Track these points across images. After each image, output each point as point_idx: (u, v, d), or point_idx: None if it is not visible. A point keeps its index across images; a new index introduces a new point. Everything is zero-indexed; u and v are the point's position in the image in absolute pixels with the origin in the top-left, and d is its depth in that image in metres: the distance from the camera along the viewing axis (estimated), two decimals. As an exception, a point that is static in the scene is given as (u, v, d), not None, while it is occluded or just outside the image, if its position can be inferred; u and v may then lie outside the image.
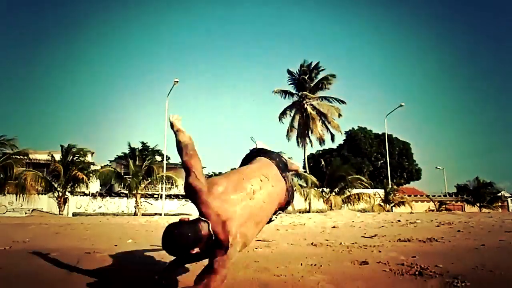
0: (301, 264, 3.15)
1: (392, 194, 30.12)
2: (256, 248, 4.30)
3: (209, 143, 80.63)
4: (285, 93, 35.85)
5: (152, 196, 30.94)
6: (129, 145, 27.28)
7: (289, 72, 35.99)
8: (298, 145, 35.53)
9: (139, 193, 25.82)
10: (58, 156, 24.18)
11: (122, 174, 26.38)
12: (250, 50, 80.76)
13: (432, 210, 31.05)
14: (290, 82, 36.20)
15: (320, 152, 44.68)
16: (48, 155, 24.09)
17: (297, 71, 35.62)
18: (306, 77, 35.34)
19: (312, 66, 35.55)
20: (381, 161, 43.60)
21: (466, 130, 78.13)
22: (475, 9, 77.39)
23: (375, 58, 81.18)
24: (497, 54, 74.43)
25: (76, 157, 24.19)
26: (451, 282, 2.42)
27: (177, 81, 26.64)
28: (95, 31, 76.67)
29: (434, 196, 40.24)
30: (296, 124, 35.50)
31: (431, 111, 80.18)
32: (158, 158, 34.42)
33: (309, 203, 29.13)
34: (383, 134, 38.55)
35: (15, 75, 64.62)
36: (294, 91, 35.77)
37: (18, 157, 22.73)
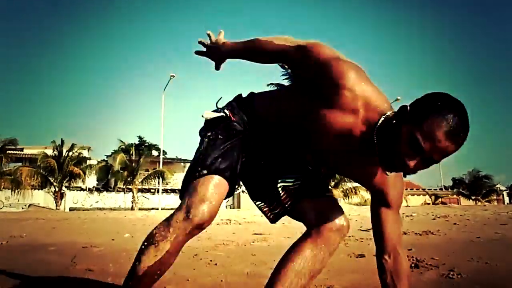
0: (298, 257, 3.17)
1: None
2: (253, 242, 4.32)
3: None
4: (279, 86, 35.70)
5: (149, 190, 30.95)
6: (121, 141, 27.15)
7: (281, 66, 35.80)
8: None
9: (135, 188, 25.82)
10: (52, 152, 24.15)
11: (118, 169, 26.35)
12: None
13: (428, 204, 31.23)
14: (285, 77, 36.03)
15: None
16: (44, 151, 24.04)
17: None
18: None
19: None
20: (378, 155, 43.63)
21: (462, 124, 78.25)
22: (473, 4, 77.41)
23: (372, 52, 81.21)
24: (494, 48, 74.57)
25: (72, 152, 24.17)
26: (447, 274, 2.44)
27: (174, 76, 26.55)
28: (90, 26, 76.25)
29: (430, 189, 40.40)
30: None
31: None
32: (154, 153, 34.39)
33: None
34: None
35: (8, 71, 64.25)
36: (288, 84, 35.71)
37: (11, 152, 22.72)
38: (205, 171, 1.38)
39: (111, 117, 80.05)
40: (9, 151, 23.00)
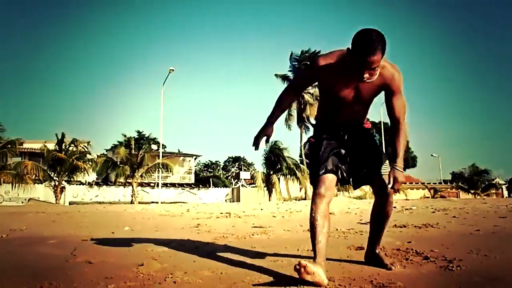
0: (298, 250, 3.18)
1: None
2: (253, 235, 4.32)
3: (205, 131, 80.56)
4: (284, 78, 35.74)
5: (148, 184, 31.00)
6: (124, 136, 27.21)
7: (292, 56, 35.79)
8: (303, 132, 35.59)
9: (135, 182, 25.83)
10: (52, 146, 24.12)
11: (118, 163, 26.35)
12: (248, 38, 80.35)
13: (427, 197, 31.29)
14: (290, 69, 36.14)
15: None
16: (44, 145, 24.01)
17: (298, 58, 35.47)
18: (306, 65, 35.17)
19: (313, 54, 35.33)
20: (377, 149, 43.64)
21: (461, 118, 78.39)
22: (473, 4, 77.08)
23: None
24: (493, 41, 74.34)
25: (72, 146, 24.15)
26: (446, 266, 2.44)
27: (173, 70, 26.48)
28: (90, 20, 75.89)
29: (429, 183, 40.45)
30: (294, 112, 35.48)
31: (426, 99, 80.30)
32: (154, 146, 34.39)
33: (305, 191, 29.28)
34: (379, 122, 38.61)
35: (9, 64, 64.04)
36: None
37: (12, 146, 22.73)
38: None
39: (110, 111, 80.00)
40: (12, 145, 23.00)
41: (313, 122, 2.66)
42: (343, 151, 2.45)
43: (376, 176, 2.44)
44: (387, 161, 2.49)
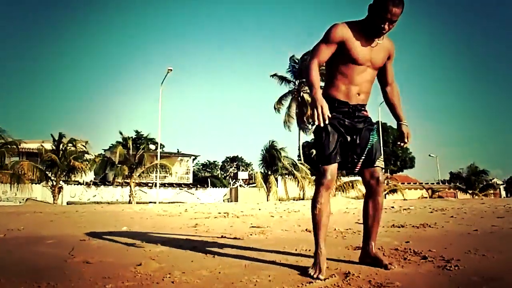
0: (296, 250, 3.17)
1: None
2: (251, 235, 4.32)
3: (204, 131, 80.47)
4: (282, 79, 35.76)
5: (146, 184, 30.95)
6: (121, 133, 27.19)
7: (292, 58, 35.80)
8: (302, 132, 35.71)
9: (133, 182, 25.79)
10: (50, 146, 24.08)
11: (116, 163, 26.30)
12: (246, 37, 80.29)
13: (425, 198, 31.35)
14: (288, 70, 36.18)
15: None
16: (41, 145, 23.97)
17: (298, 60, 35.49)
18: (306, 66, 35.26)
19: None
20: (375, 149, 43.72)
21: (460, 118, 78.55)
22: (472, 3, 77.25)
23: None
24: (493, 41, 74.51)
25: (70, 146, 24.12)
26: (444, 266, 2.44)
27: (171, 69, 26.40)
28: (87, 19, 75.74)
29: (427, 183, 40.48)
30: (293, 112, 35.54)
31: (424, 99, 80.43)
32: (152, 146, 34.34)
33: (303, 191, 29.30)
34: (377, 122, 38.65)
35: (6, 64, 63.86)
36: (291, 79, 35.78)
37: (10, 146, 22.70)
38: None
39: (108, 111, 79.87)
40: (10, 145, 22.99)
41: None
42: (348, 138, 2.51)
43: (371, 167, 2.51)
44: (381, 156, 2.58)
